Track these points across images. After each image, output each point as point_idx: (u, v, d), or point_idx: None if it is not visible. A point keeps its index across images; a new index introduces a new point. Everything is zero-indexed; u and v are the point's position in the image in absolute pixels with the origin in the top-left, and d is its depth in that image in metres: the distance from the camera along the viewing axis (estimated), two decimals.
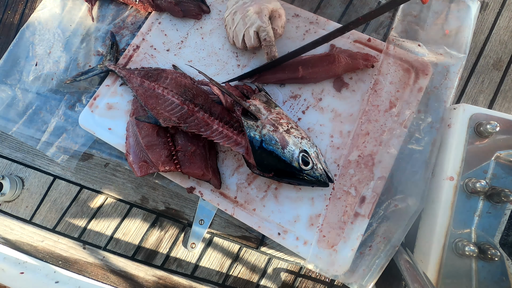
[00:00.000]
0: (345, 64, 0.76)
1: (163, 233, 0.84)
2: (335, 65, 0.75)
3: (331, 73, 0.77)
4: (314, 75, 0.77)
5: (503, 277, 0.61)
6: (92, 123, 0.81)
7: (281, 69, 0.78)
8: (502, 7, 0.93)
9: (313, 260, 0.69)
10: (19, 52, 0.94)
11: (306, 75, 0.77)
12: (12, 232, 0.85)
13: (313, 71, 0.76)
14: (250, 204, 0.74)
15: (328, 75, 0.77)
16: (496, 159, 0.65)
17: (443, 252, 0.64)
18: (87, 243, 0.84)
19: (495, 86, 0.89)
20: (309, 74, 0.77)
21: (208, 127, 0.70)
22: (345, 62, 0.75)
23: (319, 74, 0.77)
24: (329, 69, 0.76)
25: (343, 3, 0.95)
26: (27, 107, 0.90)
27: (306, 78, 0.78)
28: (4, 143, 0.91)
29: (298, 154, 0.64)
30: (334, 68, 0.76)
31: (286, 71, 0.78)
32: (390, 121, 0.75)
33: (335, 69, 0.76)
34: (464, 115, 0.68)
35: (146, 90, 0.76)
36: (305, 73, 0.76)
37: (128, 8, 0.95)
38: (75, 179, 0.87)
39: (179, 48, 0.86)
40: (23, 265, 0.78)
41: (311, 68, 0.76)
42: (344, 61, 0.75)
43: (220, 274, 0.81)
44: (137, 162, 0.72)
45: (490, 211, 0.64)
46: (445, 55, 0.77)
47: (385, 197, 0.72)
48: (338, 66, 0.75)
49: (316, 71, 0.76)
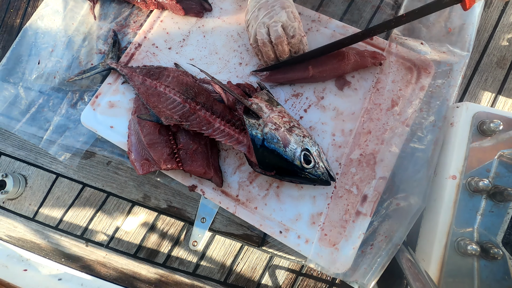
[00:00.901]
0: (354, 62, 0.75)
1: (165, 231, 0.84)
2: (345, 62, 0.75)
3: (340, 71, 0.76)
4: (324, 73, 0.76)
5: (505, 276, 0.61)
6: (94, 121, 0.81)
7: (291, 69, 0.77)
8: (506, 5, 0.92)
9: (315, 259, 0.69)
10: (21, 51, 0.94)
11: (315, 74, 0.76)
12: (16, 230, 0.86)
13: (323, 69, 0.75)
14: (251, 202, 0.74)
15: (337, 73, 0.76)
16: (499, 157, 0.65)
17: (445, 251, 0.64)
18: (90, 241, 0.85)
19: (499, 84, 0.88)
20: (319, 73, 0.76)
21: (210, 126, 0.70)
22: (354, 59, 0.75)
23: (328, 73, 0.76)
24: (338, 67, 0.75)
25: (345, 1, 0.94)
26: (29, 105, 0.90)
27: (316, 77, 0.77)
28: (7, 141, 0.92)
29: (300, 152, 0.64)
30: (343, 66, 0.75)
31: (296, 71, 0.77)
32: (392, 120, 0.74)
33: (344, 67, 0.75)
34: (467, 113, 0.68)
35: (148, 88, 0.76)
36: (315, 72, 0.75)
37: (130, 7, 0.95)
38: (77, 177, 0.88)
39: (181, 46, 0.86)
40: (26, 263, 0.78)
41: (321, 66, 0.75)
42: (353, 58, 0.75)
43: (222, 272, 0.82)
44: (139, 160, 0.73)
45: (493, 210, 0.64)
46: (448, 53, 0.77)
47: (387, 195, 0.72)
48: (347, 64, 0.75)
49: (325, 69, 0.75)
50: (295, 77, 0.77)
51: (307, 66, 0.76)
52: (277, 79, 0.79)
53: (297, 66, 0.77)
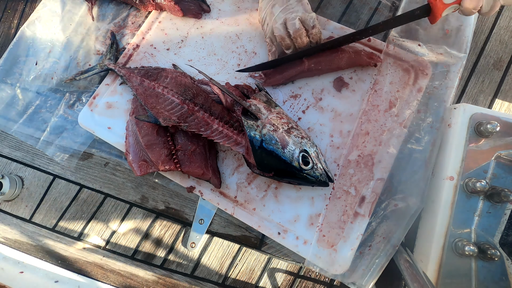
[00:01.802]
0: (348, 57, 0.75)
1: (163, 232, 0.84)
2: (339, 55, 0.75)
3: (334, 64, 0.76)
4: (319, 65, 0.76)
5: (503, 277, 0.61)
6: (92, 122, 0.81)
7: (286, 67, 0.77)
8: (502, 7, 0.92)
9: (313, 260, 0.69)
10: (19, 52, 0.93)
11: (311, 66, 0.76)
12: (12, 232, 0.85)
13: (317, 60, 0.75)
14: (250, 203, 0.74)
15: (332, 65, 0.77)
16: (496, 159, 0.65)
17: (443, 252, 0.64)
18: (87, 243, 0.84)
19: (496, 86, 0.89)
20: (315, 64, 0.76)
21: (208, 127, 0.69)
22: (348, 55, 0.75)
23: (323, 65, 0.76)
24: (333, 59, 0.75)
25: (343, 3, 0.95)
26: (27, 106, 0.90)
27: (312, 70, 0.77)
28: (4, 142, 0.91)
29: (298, 153, 0.64)
30: (337, 59, 0.75)
31: (293, 66, 0.77)
32: (390, 121, 0.74)
33: (338, 61, 0.75)
34: (464, 115, 0.68)
35: (146, 89, 0.76)
36: (310, 64, 0.75)
37: (128, 8, 0.95)
38: (74, 178, 0.87)
39: (179, 47, 0.86)
40: (22, 265, 0.78)
41: (315, 57, 0.76)
42: (348, 54, 0.75)
43: (220, 273, 0.81)
44: (137, 161, 0.72)
45: (490, 211, 0.64)
46: (445, 54, 0.77)
47: (385, 196, 0.72)
48: (342, 58, 0.75)
49: (320, 60, 0.75)
50: (292, 74, 0.77)
51: (302, 59, 0.76)
52: (276, 81, 0.79)
53: (293, 62, 0.77)
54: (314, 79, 0.80)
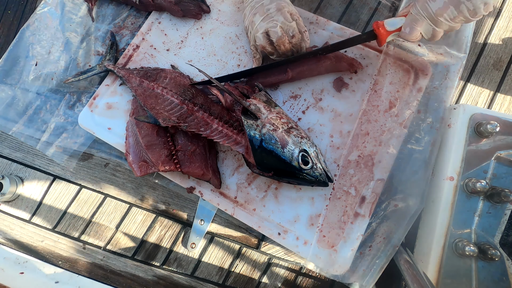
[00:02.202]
0: (330, 64, 0.76)
1: (163, 233, 0.84)
2: (320, 64, 0.76)
3: (316, 72, 0.78)
4: (301, 74, 0.78)
5: (503, 277, 0.61)
6: (92, 123, 0.81)
7: (269, 73, 0.78)
8: (502, 7, 0.93)
9: (313, 260, 0.69)
10: (19, 52, 0.93)
11: (294, 75, 0.77)
12: (12, 232, 0.85)
13: (300, 70, 0.77)
14: (250, 204, 0.74)
15: (313, 73, 0.78)
16: (496, 159, 0.65)
17: (443, 252, 0.64)
18: (87, 243, 0.84)
19: (495, 86, 0.89)
20: (298, 74, 0.77)
21: (208, 127, 0.70)
22: (330, 62, 0.76)
23: (305, 73, 0.78)
24: (315, 67, 0.77)
25: (343, 3, 0.95)
26: (27, 107, 0.90)
27: (294, 78, 0.78)
28: (4, 143, 0.91)
29: (298, 153, 0.64)
30: (318, 67, 0.77)
31: (275, 74, 0.78)
32: (390, 121, 0.74)
33: (319, 68, 0.77)
34: (464, 115, 0.68)
35: (145, 89, 0.76)
36: (294, 73, 0.77)
37: (128, 8, 0.95)
38: (75, 179, 0.87)
39: (179, 48, 0.86)
40: (23, 265, 0.78)
41: (298, 67, 0.77)
42: (329, 61, 0.76)
43: (220, 274, 0.81)
44: (137, 161, 0.72)
45: (490, 211, 0.64)
46: (445, 55, 0.77)
47: (385, 197, 0.72)
48: (322, 66, 0.77)
49: (303, 69, 0.77)
50: (276, 81, 0.78)
51: (286, 69, 0.77)
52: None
53: (274, 70, 0.78)
54: (314, 80, 0.80)
